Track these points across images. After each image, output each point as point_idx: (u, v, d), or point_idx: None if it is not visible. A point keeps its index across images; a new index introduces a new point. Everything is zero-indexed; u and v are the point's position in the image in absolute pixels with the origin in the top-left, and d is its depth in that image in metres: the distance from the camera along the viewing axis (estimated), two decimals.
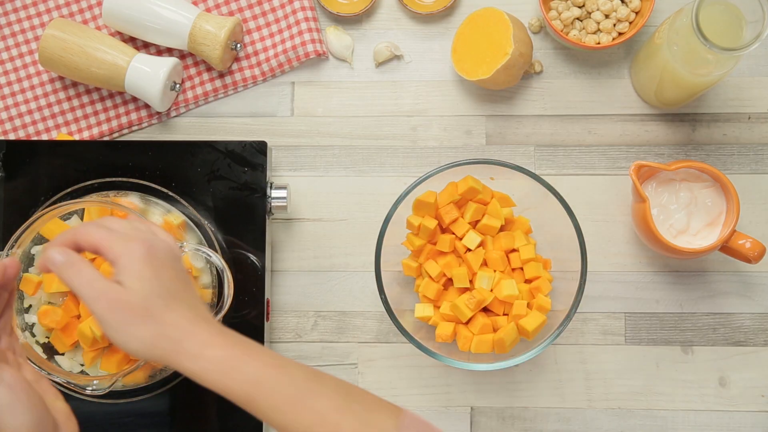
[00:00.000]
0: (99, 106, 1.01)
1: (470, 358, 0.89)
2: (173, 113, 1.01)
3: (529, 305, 0.90)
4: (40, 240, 0.87)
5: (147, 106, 1.01)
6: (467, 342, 0.90)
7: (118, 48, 0.96)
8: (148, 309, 0.61)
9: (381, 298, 0.88)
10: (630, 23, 0.96)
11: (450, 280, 0.92)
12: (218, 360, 0.62)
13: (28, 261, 0.88)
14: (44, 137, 1.00)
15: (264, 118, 1.01)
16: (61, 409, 0.64)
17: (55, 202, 0.93)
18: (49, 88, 1.01)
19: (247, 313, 0.93)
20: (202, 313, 0.65)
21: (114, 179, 0.93)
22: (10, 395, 0.59)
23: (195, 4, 1.01)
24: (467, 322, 0.91)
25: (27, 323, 0.87)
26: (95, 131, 1.01)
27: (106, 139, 1.01)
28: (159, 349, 0.62)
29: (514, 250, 0.92)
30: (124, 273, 0.62)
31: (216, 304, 0.89)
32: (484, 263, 0.91)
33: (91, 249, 0.64)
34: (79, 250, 0.64)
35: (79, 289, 0.61)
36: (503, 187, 0.92)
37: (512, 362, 0.87)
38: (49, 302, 0.87)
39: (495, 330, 0.91)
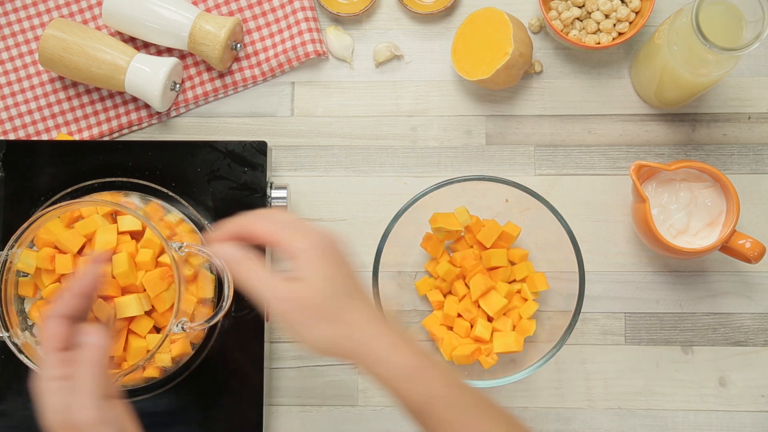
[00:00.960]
0: (99, 106, 1.01)
1: (470, 375, 0.89)
2: (173, 113, 1.01)
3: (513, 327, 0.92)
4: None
5: (147, 106, 1.01)
6: (448, 349, 0.91)
7: (118, 48, 0.96)
8: (332, 310, 0.61)
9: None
10: (630, 23, 0.96)
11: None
12: (404, 367, 0.63)
13: None
14: (44, 137, 1.00)
15: (264, 118, 1.01)
16: None
17: (55, 202, 0.93)
18: (49, 88, 1.01)
19: (247, 313, 0.93)
20: (377, 313, 0.65)
21: (114, 179, 0.93)
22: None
23: (195, 4, 1.01)
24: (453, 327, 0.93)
25: (27, 323, 0.87)
26: (95, 131, 1.01)
27: (106, 139, 1.01)
28: (344, 348, 0.62)
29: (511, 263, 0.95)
30: (304, 270, 0.61)
31: (216, 304, 0.90)
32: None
33: (266, 242, 0.63)
34: (244, 240, 0.63)
35: (256, 289, 0.61)
36: (502, 188, 0.92)
37: (507, 380, 0.86)
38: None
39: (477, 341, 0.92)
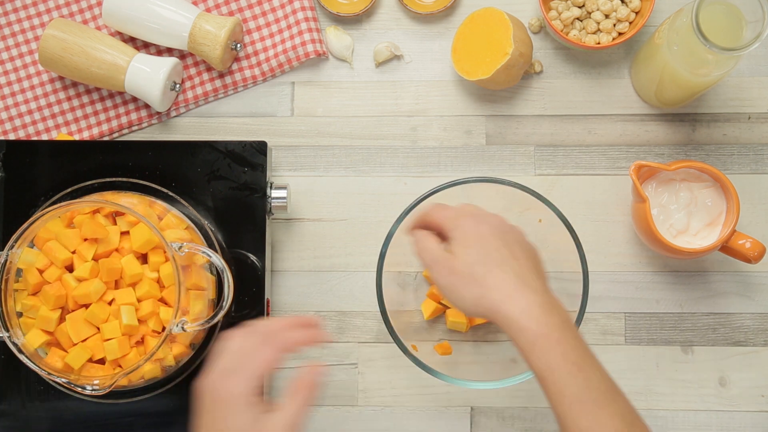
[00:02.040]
0: (99, 106, 1.01)
1: (470, 376, 0.89)
2: (173, 113, 1.01)
3: None
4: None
5: (147, 106, 1.01)
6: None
7: (118, 48, 0.96)
8: (474, 276, 0.71)
9: (384, 321, 0.88)
10: (630, 23, 0.96)
11: None
12: (528, 332, 0.69)
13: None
14: (44, 137, 1.00)
15: (264, 118, 1.01)
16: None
17: (55, 202, 0.93)
18: (49, 88, 1.01)
19: (247, 313, 0.93)
20: (528, 280, 0.71)
21: (114, 179, 0.93)
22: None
23: (195, 4, 1.01)
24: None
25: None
26: (95, 131, 1.01)
27: (106, 139, 1.01)
28: (482, 308, 0.71)
29: None
30: (455, 244, 0.73)
31: (216, 304, 0.90)
32: None
33: (435, 227, 0.77)
34: (427, 227, 0.78)
35: (424, 258, 0.75)
36: (511, 194, 0.91)
37: (510, 382, 0.86)
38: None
39: None
